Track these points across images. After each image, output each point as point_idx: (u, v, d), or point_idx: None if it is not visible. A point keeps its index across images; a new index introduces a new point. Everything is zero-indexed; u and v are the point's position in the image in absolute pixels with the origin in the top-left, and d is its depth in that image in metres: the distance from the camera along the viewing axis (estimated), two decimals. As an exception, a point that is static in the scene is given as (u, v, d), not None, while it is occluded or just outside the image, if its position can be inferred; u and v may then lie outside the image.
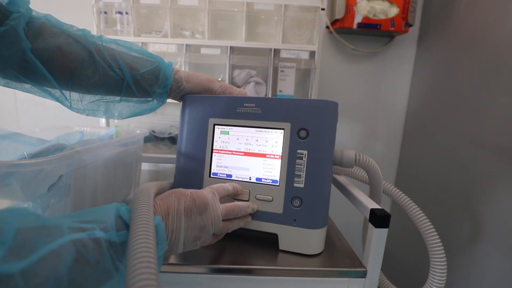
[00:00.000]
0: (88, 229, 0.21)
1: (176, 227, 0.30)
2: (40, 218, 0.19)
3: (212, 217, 0.33)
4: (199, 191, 0.34)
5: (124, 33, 0.73)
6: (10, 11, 0.32)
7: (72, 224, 0.21)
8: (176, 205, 0.31)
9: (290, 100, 0.40)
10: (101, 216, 0.24)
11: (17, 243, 0.17)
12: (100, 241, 0.21)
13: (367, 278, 0.37)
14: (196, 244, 0.32)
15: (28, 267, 0.16)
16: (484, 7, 0.67)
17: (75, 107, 0.41)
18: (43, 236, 0.18)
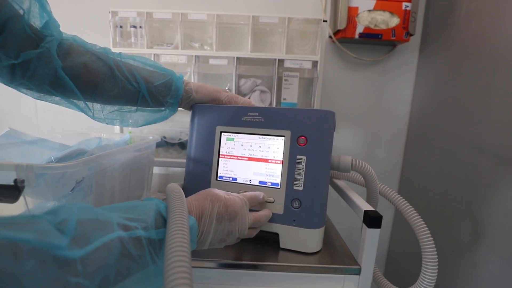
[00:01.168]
0: (132, 228, 0.24)
1: (207, 229, 0.32)
2: (93, 211, 0.23)
3: (239, 225, 0.35)
4: (232, 198, 0.36)
5: (138, 45, 0.79)
6: (44, 35, 0.37)
7: (119, 220, 0.24)
8: (210, 210, 0.33)
9: (290, 109, 0.44)
10: (143, 214, 0.27)
11: (78, 233, 0.20)
12: (141, 239, 0.24)
13: (361, 275, 0.39)
14: (221, 244, 0.35)
15: (86, 255, 0.19)
16: (482, 18, 0.70)
17: (96, 117, 0.45)
18: (97, 228, 0.21)
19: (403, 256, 0.95)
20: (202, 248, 0.33)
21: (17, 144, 0.49)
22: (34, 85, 0.37)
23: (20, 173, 0.33)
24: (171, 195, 0.30)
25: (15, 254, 0.17)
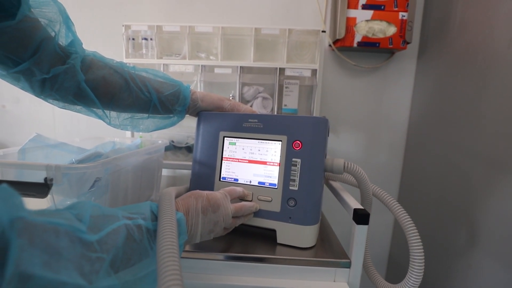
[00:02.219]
0: (134, 218, 0.29)
1: (195, 222, 0.37)
2: (101, 208, 0.28)
3: (223, 215, 0.40)
4: (214, 193, 0.42)
5: (149, 56, 0.84)
6: (70, 52, 0.42)
7: (124, 213, 0.29)
8: (195, 205, 0.38)
9: (287, 116, 0.48)
10: (141, 210, 0.32)
11: (91, 224, 0.25)
12: (141, 226, 0.29)
13: (351, 268, 0.43)
14: (210, 235, 0.40)
15: (100, 238, 0.24)
16: (474, 27, 0.73)
17: (113, 123, 0.50)
18: (105, 220, 0.27)
19: (405, 257, 0.97)
20: (195, 241, 0.38)
21: (42, 148, 0.55)
22: (60, 96, 0.43)
23: (50, 172, 0.38)
24: (162, 197, 0.35)
25: (56, 233, 0.21)
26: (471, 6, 0.75)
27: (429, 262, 0.84)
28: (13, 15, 0.34)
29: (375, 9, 0.87)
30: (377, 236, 1.07)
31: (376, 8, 0.87)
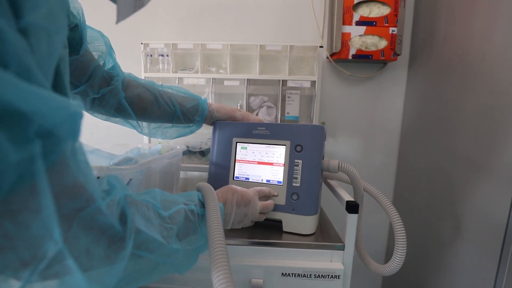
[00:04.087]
0: (188, 204, 0.38)
1: (229, 212, 0.45)
2: (165, 194, 0.36)
3: (252, 210, 0.48)
4: (246, 190, 0.49)
5: (165, 70, 0.94)
6: (113, 75, 0.52)
7: (182, 200, 0.38)
8: (231, 199, 0.46)
9: (290, 125, 0.57)
10: (192, 198, 0.40)
11: (162, 205, 0.34)
12: (194, 211, 0.38)
13: (345, 251, 0.52)
14: (240, 225, 0.48)
15: (169, 215, 0.33)
16: (455, 41, 0.82)
17: (144, 132, 0.60)
18: (170, 204, 0.35)
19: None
20: (226, 227, 0.46)
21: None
22: (105, 111, 0.53)
23: (101, 172, 0.47)
24: (205, 189, 0.43)
25: (147, 207, 0.31)
26: (452, 24, 0.84)
27: (421, 251, 0.92)
28: (77, 51, 0.44)
29: (368, 25, 0.97)
30: (375, 234, 1.15)
31: (369, 24, 0.97)
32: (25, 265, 0.19)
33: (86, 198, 0.23)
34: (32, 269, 0.19)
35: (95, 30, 0.49)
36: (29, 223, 0.19)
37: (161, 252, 0.30)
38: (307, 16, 1.00)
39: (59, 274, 0.21)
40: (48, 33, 0.21)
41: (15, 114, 0.17)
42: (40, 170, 0.19)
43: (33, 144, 0.18)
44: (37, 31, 0.20)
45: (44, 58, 0.21)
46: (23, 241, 0.19)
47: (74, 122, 0.20)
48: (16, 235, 0.18)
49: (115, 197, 0.27)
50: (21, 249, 0.19)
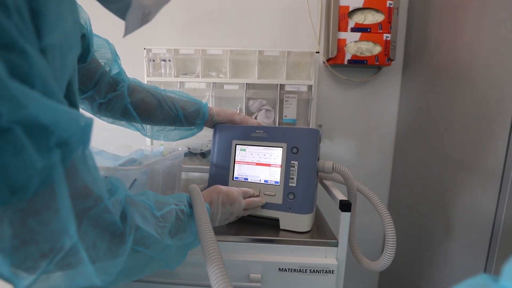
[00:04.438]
0: (179, 204, 0.41)
1: (216, 211, 0.48)
2: (157, 196, 0.40)
3: (237, 207, 0.51)
4: (231, 189, 0.52)
5: (167, 74, 0.98)
6: (118, 81, 0.55)
7: (173, 201, 0.41)
8: (217, 198, 0.49)
9: (286, 128, 0.60)
10: (182, 199, 0.43)
11: (156, 206, 0.36)
12: (183, 210, 0.41)
13: (338, 247, 0.54)
14: (226, 222, 0.51)
15: (162, 214, 0.36)
16: (445, 48, 0.85)
17: (148, 134, 0.63)
18: (163, 205, 0.38)
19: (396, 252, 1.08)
20: (214, 225, 0.48)
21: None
22: (112, 114, 0.56)
23: (108, 172, 0.50)
24: (192, 191, 0.45)
25: (144, 207, 0.33)
26: (442, 32, 0.88)
27: (414, 250, 0.95)
28: (84, 59, 0.47)
29: (363, 32, 1.01)
30: (371, 234, 1.18)
31: (363, 30, 1.00)
32: (44, 256, 0.22)
33: (94, 199, 0.26)
34: (50, 259, 0.22)
35: (101, 38, 0.53)
36: (49, 221, 0.22)
37: (156, 247, 0.33)
38: (304, 22, 1.04)
39: (72, 265, 0.24)
40: (63, 51, 0.24)
41: (40, 127, 0.20)
42: (59, 175, 0.22)
43: (53, 152, 0.21)
44: (54, 49, 0.23)
45: (59, 73, 0.24)
46: (44, 236, 0.22)
47: (86, 132, 0.23)
48: (39, 231, 0.21)
49: (118, 197, 0.30)
50: (42, 242, 0.22)
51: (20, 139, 0.18)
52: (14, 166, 0.19)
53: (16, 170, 0.19)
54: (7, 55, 0.17)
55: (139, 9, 0.30)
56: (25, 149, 0.19)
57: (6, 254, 0.20)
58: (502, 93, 0.61)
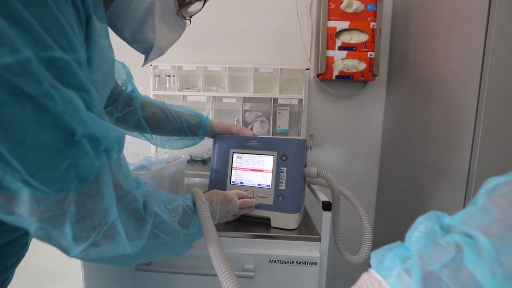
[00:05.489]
0: (184, 201, 0.49)
1: (215, 209, 0.57)
2: (167, 194, 0.48)
3: (233, 206, 0.60)
4: (228, 192, 0.61)
5: (171, 89, 1.07)
6: (132, 97, 0.64)
7: (180, 198, 0.49)
8: (216, 198, 0.58)
9: (277, 138, 0.69)
10: (186, 197, 0.51)
11: (167, 200, 0.45)
12: (189, 206, 0.49)
13: (321, 242, 0.63)
14: (224, 219, 0.60)
15: (172, 208, 0.45)
16: (422, 66, 0.95)
17: (156, 144, 0.72)
18: (172, 200, 0.46)
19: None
20: (214, 222, 0.57)
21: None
22: (126, 127, 0.65)
23: (124, 177, 0.59)
24: (195, 193, 0.53)
25: (160, 200, 0.42)
26: (419, 51, 0.98)
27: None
28: None
29: (349, 50, 1.11)
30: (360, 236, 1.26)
31: (349, 49, 1.11)
32: (95, 228, 0.31)
33: (126, 190, 0.35)
34: (98, 231, 0.31)
35: (118, 62, 0.62)
36: (100, 202, 0.31)
37: (169, 232, 0.41)
38: (296, 42, 1.14)
39: (112, 235, 0.32)
40: (103, 84, 0.34)
41: (95, 138, 0.29)
42: (106, 172, 0.31)
43: (102, 156, 0.30)
44: (98, 83, 0.32)
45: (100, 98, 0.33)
46: (96, 213, 0.31)
47: (120, 142, 0.33)
48: (93, 209, 0.30)
49: (141, 190, 0.39)
50: (94, 218, 0.31)
51: (85, 147, 0.27)
52: (82, 164, 0.28)
53: (83, 167, 0.28)
54: (81, 94, 0.27)
55: (158, 49, 0.40)
56: (88, 154, 0.28)
57: (71, 226, 0.29)
58: (465, 106, 0.71)
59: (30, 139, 0.24)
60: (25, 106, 0.23)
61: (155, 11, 0.38)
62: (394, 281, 0.24)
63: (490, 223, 0.22)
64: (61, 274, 1.26)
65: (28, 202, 0.26)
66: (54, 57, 0.24)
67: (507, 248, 0.21)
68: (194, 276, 0.61)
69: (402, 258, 0.25)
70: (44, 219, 0.27)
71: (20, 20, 0.22)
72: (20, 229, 0.38)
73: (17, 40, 0.22)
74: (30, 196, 0.25)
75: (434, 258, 0.23)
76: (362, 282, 0.27)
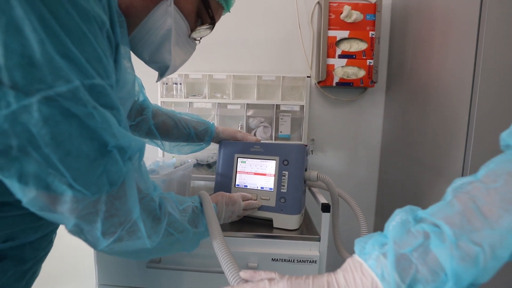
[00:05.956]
0: (194, 202, 0.54)
1: (220, 210, 0.61)
2: (177, 196, 0.53)
3: (237, 208, 0.65)
4: (233, 194, 0.66)
5: (178, 96, 1.12)
6: (144, 107, 0.69)
7: (189, 199, 0.54)
8: (221, 200, 0.62)
9: (279, 144, 0.74)
10: (195, 200, 0.56)
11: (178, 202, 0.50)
12: (197, 207, 0.54)
13: (320, 242, 0.67)
14: (229, 220, 0.64)
15: (183, 208, 0.49)
16: (418, 73, 0.99)
17: (166, 149, 0.77)
18: (182, 202, 0.51)
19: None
20: (219, 222, 0.61)
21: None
22: (139, 134, 0.70)
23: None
24: (203, 194, 0.57)
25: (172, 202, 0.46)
26: (415, 59, 1.02)
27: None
28: None
29: (349, 58, 1.15)
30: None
31: (349, 57, 1.15)
32: (120, 225, 0.35)
33: (145, 192, 0.40)
34: (123, 227, 0.36)
35: None
36: (125, 203, 0.35)
37: (180, 230, 0.46)
38: (297, 50, 1.19)
39: (134, 231, 0.37)
40: (126, 100, 0.39)
41: (122, 148, 0.33)
42: (131, 177, 0.36)
43: (128, 163, 0.35)
44: (122, 100, 0.37)
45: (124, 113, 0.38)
46: (122, 212, 0.35)
47: (141, 150, 0.37)
48: (119, 208, 0.35)
49: (157, 192, 0.43)
50: (120, 216, 0.35)
51: (115, 156, 0.32)
52: (112, 171, 0.32)
53: (113, 173, 0.33)
54: (113, 112, 0.32)
55: (173, 68, 0.45)
56: (117, 162, 0.33)
57: (101, 222, 0.33)
58: (458, 110, 0.75)
59: (75, 151, 0.29)
60: (72, 124, 0.28)
61: (171, 36, 0.43)
62: (372, 263, 0.28)
63: (453, 214, 0.27)
64: (74, 273, 1.30)
65: (70, 202, 0.30)
66: (94, 84, 0.29)
67: (465, 235, 0.25)
68: (200, 273, 0.65)
69: (380, 244, 0.29)
70: (81, 216, 0.32)
71: (70, 55, 0.27)
72: (50, 226, 0.43)
73: (69, 72, 0.27)
74: (72, 197, 0.30)
75: (406, 243, 0.27)
76: (347, 265, 0.31)
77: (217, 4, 0.49)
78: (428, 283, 0.26)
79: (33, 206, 0.30)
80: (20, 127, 0.26)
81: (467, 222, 0.26)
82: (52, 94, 0.26)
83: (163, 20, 0.42)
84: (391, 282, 0.26)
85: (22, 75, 0.25)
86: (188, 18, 0.46)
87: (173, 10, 0.42)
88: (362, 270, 0.29)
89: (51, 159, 0.27)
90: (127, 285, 0.70)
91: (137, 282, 0.69)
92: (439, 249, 0.26)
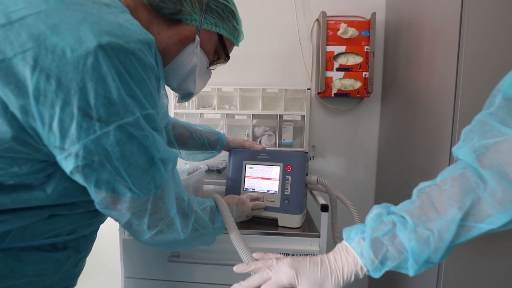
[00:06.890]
0: (211, 203, 0.63)
1: (232, 210, 0.71)
2: (197, 198, 0.63)
3: (246, 208, 0.74)
4: (241, 196, 0.75)
5: (190, 107, 1.23)
6: (167, 123, 0.80)
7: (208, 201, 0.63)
8: (232, 201, 0.71)
9: (282, 151, 0.83)
10: (211, 201, 0.65)
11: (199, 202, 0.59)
12: (213, 207, 0.63)
13: (320, 238, 0.76)
14: (239, 219, 0.73)
15: (203, 208, 0.58)
16: (409, 84, 1.09)
17: (182, 157, 0.87)
18: (202, 203, 0.60)
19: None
20: None
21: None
22: (161, 144, 0.80)
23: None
24: (216, 197, 0.66)
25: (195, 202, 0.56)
26: (407, 71, 1.12)
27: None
28: None
29: (346, 71, 1.25)
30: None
31: (346, 70, 1.25)
32: (161, 219, 0.45)
33: (178, 194, 0.50)
34: (163, 221, 0.45)
35: None
36: (166, 202, 0.45)
37: (203, 225, 0.55)
38: (298, 64, 1.29)
39: (171, 225, 0.47)
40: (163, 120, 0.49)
41: (163, 159, 0.43)
42: (170, 181, 0.45)
43: (167, 171, 0.45)
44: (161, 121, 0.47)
45: None
46: (163, 209, 0.45)
47: (175, 160, 0.47)
48: (161, 206, 0.45)
49: (185, 194, 0.53)
50: (161, 212, 0.45)
51: (159, 166, 0.42)
52: (157, 178, 0.42)
53: (158, 179, 0.42)
54: (158, 133, 0.42)
55: (195, 94, 0.55)
56: (161, 170, 0.43)
57: (148, 218, 0.43)
58: (443, 118, 0.83)
59: (134, 163, 0.39)
60: (134, 144, 0.38)
61: (196, 70, 0.54)
62: (355, 245, 0.38)
63: (414, 208, 0.36)
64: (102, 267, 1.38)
65: (128, 201, 0.40)
66: (148, 113, 0.39)
67: (422, 224, 0.35)
68: (214, 266, 0.75)
69: (361, 231, 0.39)
70: (135, 213, 0.42)
71: (134, 95, 0.37)
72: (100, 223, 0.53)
73: (133, 107, 0.37)
74: (130, 197, 0.40)
75: (379, 229, 0.37)
76: (336, 248, 0.40)
77: (231, 43, 0.59)
78: (395, 260, 0.36)
79: (101, 204, 0.40)
80: (100, 147, 0.36)
81: (424, 214, 0.36)
82: (122, 123, 0.36)
83: (190, 58, 0.53)
84: (367, 258, 0.36)
85: (104, 111, 0.35)
86: (209, 56, 0.56)
87: (198, 50, 0.53)
88: (347, 250, 0.39)
89: (119, 169, 0.37)
90: (150, 277, 0.79)
91: (159, 275, 0.79)
92: (402, 234, 0.35)
